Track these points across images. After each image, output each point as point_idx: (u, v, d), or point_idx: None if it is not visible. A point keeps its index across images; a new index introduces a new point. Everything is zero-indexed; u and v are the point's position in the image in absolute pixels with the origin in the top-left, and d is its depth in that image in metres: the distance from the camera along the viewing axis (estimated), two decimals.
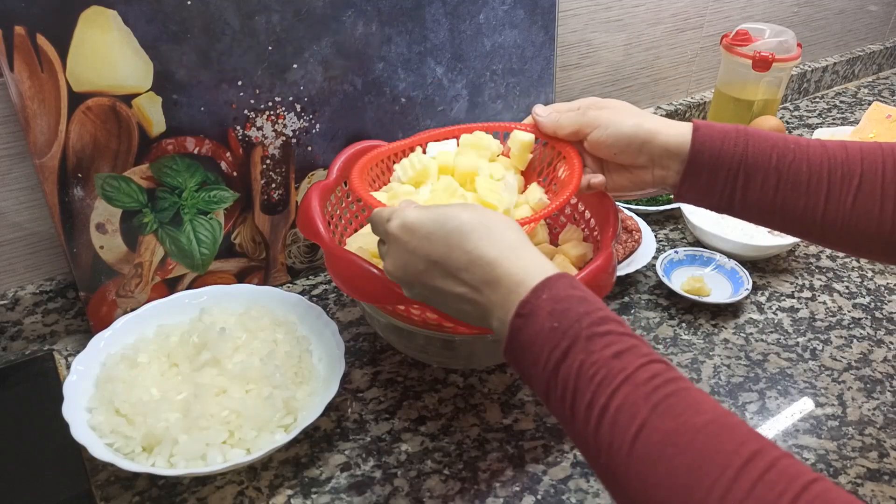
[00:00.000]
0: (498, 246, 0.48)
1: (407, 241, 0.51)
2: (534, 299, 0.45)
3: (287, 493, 0.63)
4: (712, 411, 0.39)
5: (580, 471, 0.65)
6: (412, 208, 0.52)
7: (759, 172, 0.57)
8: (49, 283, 0.77)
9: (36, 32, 0.63)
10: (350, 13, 0.77)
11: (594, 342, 0.42)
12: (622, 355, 0.41)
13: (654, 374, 0.40)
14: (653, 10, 1.12)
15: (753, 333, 0.82)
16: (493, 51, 0.89)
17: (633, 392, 0.40)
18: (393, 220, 0.52)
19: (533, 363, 0.44)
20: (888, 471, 0.66)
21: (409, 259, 0.51)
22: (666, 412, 0.39)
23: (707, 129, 0.59)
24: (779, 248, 0.91)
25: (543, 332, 0.44)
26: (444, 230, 0.49)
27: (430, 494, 0.63)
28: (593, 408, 0.40)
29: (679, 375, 0.41)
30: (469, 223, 0.49)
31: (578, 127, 0.63)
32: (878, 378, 0.76)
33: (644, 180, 0.63)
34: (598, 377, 0.41)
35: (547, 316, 0.44)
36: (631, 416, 0.39)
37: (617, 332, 0.43)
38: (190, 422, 0.61)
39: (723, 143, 0.58)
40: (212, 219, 0.79)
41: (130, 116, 0.70)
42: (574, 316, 0.43)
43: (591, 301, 0.45)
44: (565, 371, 0.42)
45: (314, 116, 0.80)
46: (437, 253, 0.50)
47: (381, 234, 0.55)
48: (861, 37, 1.52)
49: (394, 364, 0.76)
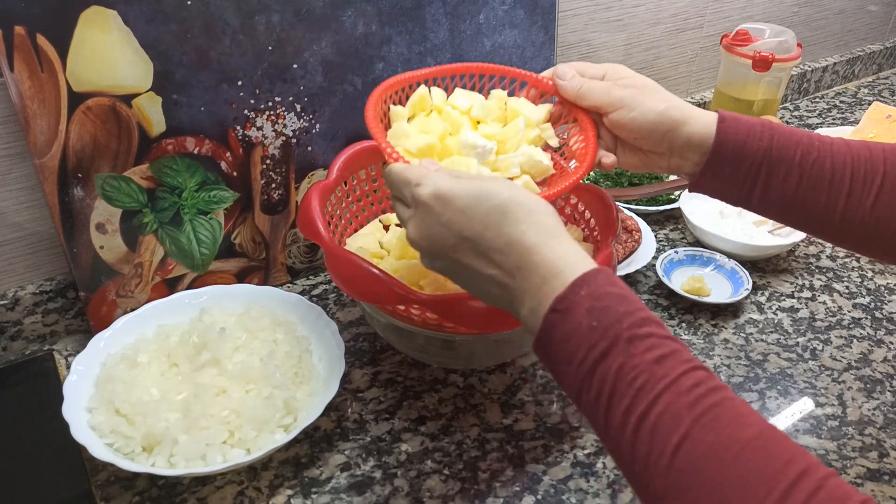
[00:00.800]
0: (537, 231, 0.46)
1: (440, 213, 0.48)
2: (571, 295, 0.43)
3: (287, 493, 0.63)
4: (758, 425, 0.37)
5: (580, 471, 0.65)
6: (444, 175, 0.49)
7: (781, 168, 0.56)
8: (49, 283, 0.77)
9: (36, 32, 0.63)
10: (350, 13, 0.77)
11: (635, 345, 0.41)
12: (664, 360, 0.40)
13: (697, 383, 0.39)
14: (653, 10, 1.12)
15: (753, 333, 0.82)
16: (493, 51, 0.89)
17: (676, 401, 0.38)
18: (424, 186, 0.49)
19: (567, 361, 0.43)
20: (888, 471, 0.66)
21: (439, 231, 0.49)
22: (710, 424, 0.37)
23: (733, 122, 0.57)
24: (779, 248, 0.91)
25: (581, 331, 0.42)
26: (484, 207, 0.47)
27: (430, 494, 0.63)
28: (631, 413, 0.39)
29: (722, 384, 0.40)
30: (510, 203, 0.47)
31: (603, 103, 0.60)
32: (878, 378, 0.76)
33: (658, 165, 0.61)
34: (638, 382, 0.39)
35: (585, 313, 0.42)
36: (673, 426, 0.38)
37: (658, 335, 0.41)
38: (190, 422, 0.61)
39: (748, 137, 0.56)
40: (212, 219, 0.79)
41: (130, 116, 0.70)
42: (614, 315, 0.42)
43: (631, 300, 0.43)
44: (602, 372, 0.41)
45: (314, 116, 0.80)
46: (472, 230, 0.47)
47: (405, 197, 0.52)
48: (861, 37, 1.52)
49: (394, 364, 0.76)
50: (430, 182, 0.49)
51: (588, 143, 0.60)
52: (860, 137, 1.16)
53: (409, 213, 0.51)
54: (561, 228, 0.47)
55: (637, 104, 0.58)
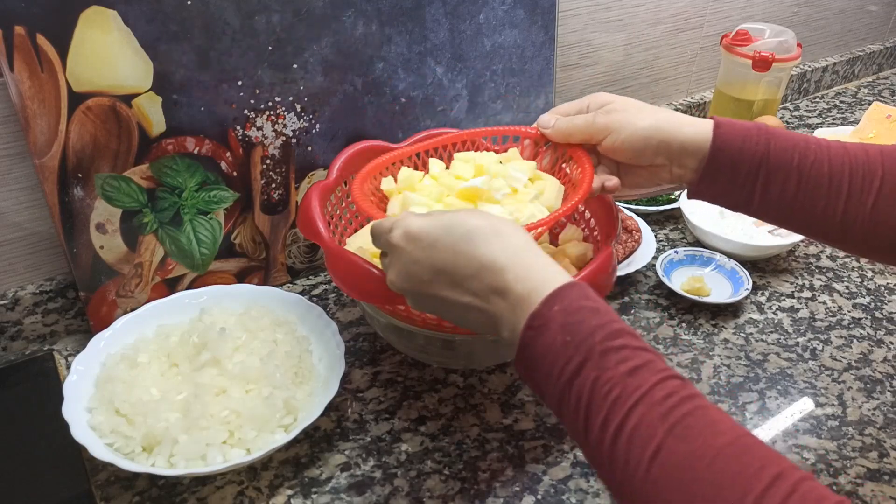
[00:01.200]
0: (507, 251, 0.47)
1: (410, 251, 0.49)
2: (545, 311, 0.44)
3: (287, 493, 0.63)
4: (731, 432, 0.38)
5: (580, 471, 0.65)
6: (414, 217, 0.51)
7: (780, 172, 0.56)
8: (49, 283, 0.77)
9: (36, 32, 0.63)
10: (350, 13, 0.77)
11: (608, 357, 0.41)
12: (637, 372, 0.40)
13: (670, 393, 0.39)
14: (653, 9, 1.12)
15: (753, 333, 0.82)
16: (493, 51, 0.89)
17: (649, 412, 0.39)
18: (395, 230, 0.51)
19: (545, 377, 0.43)
20: (888, 471, 0.66)
21: (413, 269, 0.50)
22: (683, 433, 0.38)
23: (728, 127, 0.57)
24: (779, 248, 0.91)
25: (556, 346, 0.43)
26: (452, 237, 0.48)
27: (430, 494, 0.63)
28: (608, 427, 0.39)
29: (696, 392, 0.40)
30: (477, 228, 0.48)
31: (590, 135, 0.62)
32: (878, 378, 0.76)
33: (661, 178, 0.62)
34: (612, 395, 0.40)
35: (559, 329, 0.43)
36: (647, 438, 0.38)
37: (631, 347, 0.42)
38: (190, 422, 0.61)
39: (744, 142, 0.57)
40: (212, 219, 0.79)
41: (130, 116, 0.70)
42: (587, 329, 0.42)
43: (604, 312, 0.44)
44: (579, 387, 0.41)
45: (314, 116, 0.80)
46: (442, 261, 0.48)
47: (383, 246, 0.53)
48: (861, 37, 1.52)
49: (394, 364, 0.76)
50: (401, 225, 0.51)
51: (584, 172, 0.62)
52: (860, 137, 1.16)
53: (387, 261, 0.53)
54: (532, 245, 0.48)
55: (624, 126, 0.59)
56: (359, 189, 0.63)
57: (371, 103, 0.83)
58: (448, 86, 0.88)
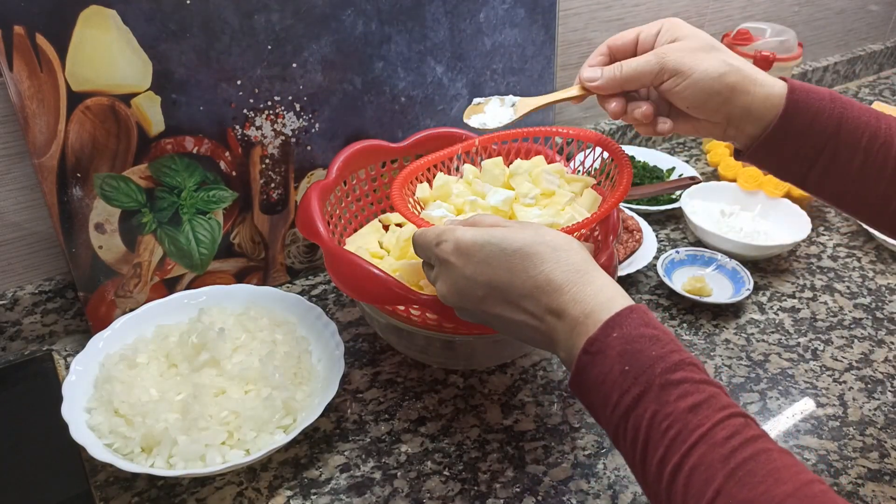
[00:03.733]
0: (564, 270, 0.45)
1: (462, 266, 0.48)
2: (603, 336, 0.42)
3: (286, 493, 0.62)
4: (793, 480, 0.36)
5: (581, 472, 0.65)
6: (464, 229, 0.48)
7: (846, 151, 0.53)
8: (48, 283, 0.77)
9: (35, 32, 0.63)
10: (349, 12, 0.77)
11: (668, 392, 0.39)
12: (698, 409, 0.39)
13: (732, 433, 0.38)
14: (653, 9, 1.12)
15: (755, 334, 0.82)
16: (493, 50, 0.89)
17: (710, 453, 0.37)
18: (444, 243, 0.49)
19: (602, 405, 0.42)
20: (889, 471, 0.65)
21: (465, 285, 0.48)
22: (744, 479, 0.36)
23: (803, 95, 0.53)
24: (780, 248, 0.90)
25: (613, 375, 0.41)
26: (506, 253, 0.46)
27: (430, 495, 0.62)
28: (666, 464, 0.38)
29: (760, 433, 0.38)
30: (533, 245, 0.46)
31: (652, 76, 0.54)
32: (879, 378, 0.76)
33: (712, 133, 0.57)
34: (671, 432, 0.38)
35: (617, 357, 0.41)
36: (706, 481, 0.37)
37: (693, 380, 0.40)
38: (189, 422, 0.60)
39: (817, 115, 0.52)
40: (211, 218, 0.79)
41: (129, 116, 0.70)
42: (646, 360, 0.41)
43: (665, 341, 0.42)
44: (636, 419, 0.40)
45: (313, 116, 0.80)
46: (498, 278, 0.46)
47: (430, 258, 0.51)
48: (862, 36, 1.52)
49: (393, 365, 0.76)
50: (450, 238, 0.49)
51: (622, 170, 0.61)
52: None
53: (434, 273, 0.51)
54: (591, 264, 0.46)
55: (691, 69, 0.53)
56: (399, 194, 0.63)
57: (371, 102, 0.83)
58: (448, 85, 0.88)
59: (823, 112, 0.53)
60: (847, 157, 0.53)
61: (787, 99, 0.53)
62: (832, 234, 1.00)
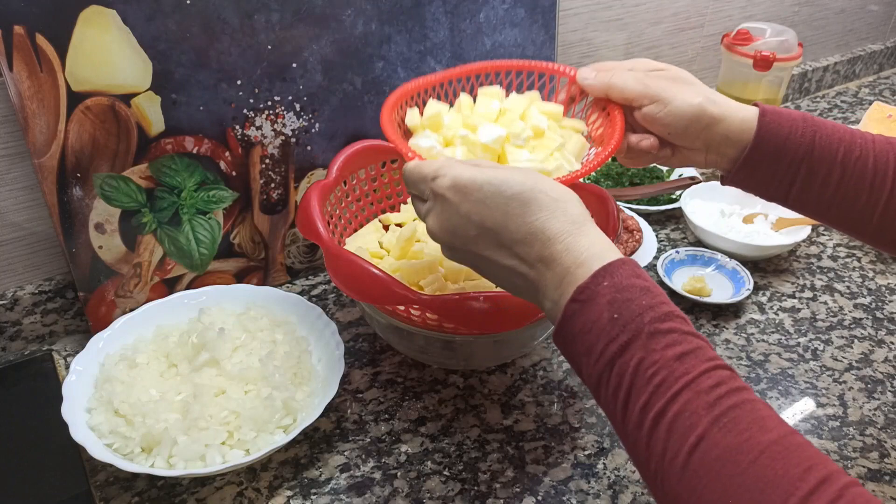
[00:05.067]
0: (560, 220, 0.45)
1: (458, 203, 0.47)
2: (594, 285, 0.42)
3: (286, 493, 0.62)
4: (779, 429, 0.36)
5: (581, 472, 0.65)
6: (463, 166, 0.48)
7: (823, 166, 0.54)
8: (48, 283, 0.77)
9: (35, 32, 0.63)
10: (349, 12, 0.77)
11: (656, 340, 0.39)
12: (685, 357, 0.39)
13: (718, 382, 0.38)
14: (653, 9, 1.12)
15: (755, 334, 0.82)
16: (493, 50, 0.89)
17: (695, 399, 0.37)
18: (441, 178, 0.48)
19: (586, 353, 0.42)
20: (889, 471, 0.65)
21: (459, 223, 0.47)
22: (729, 426, 0.36)
23: (774, 117, 0.55)
24: (780, 248, 0.90)
25: (601, 322, 0.41)
26: (504, 196, 0.45)
27: (430, 495, 0.62)
28: (649, 411, 0.38)
29: (744, 385, 0.39)
30: (533, 191, 0.45)
31: (635, 95, 0.57)
32: (879, 378, 0.76)
33: (694, 161, 0.59)
34: (657, 378, 0.38)
35: (607, 305, 0.41)
36: (690, 426, 0.37)
37: (681, 331, 0.40)
38: (189, 422, 0.60)
39: (790, 133, 0.54)
40: (211, 218, 0.79)
41: (129, 116, 0.70)
42: (636, 309, 0.40)
43: (655, 293, 0.42)
44: (621, 367, 0.40)
45: (313, 116, 0.80)
46: (492, 220, 0.46)
47: (422, 192, 0.50)
48: (862, 36, 1.52)
49: (393, 365, 0.76)
50: (448, 173, 0.48)
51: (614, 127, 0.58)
52: None
53: (427, 207, 0.50)
54: (586, 217, 0.46)
55: (672, 98, 0.56)
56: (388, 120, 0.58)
57: (371, 102, 0.83)
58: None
59: (796, 131, 0.55)
60: (825, 172, 0.55)
61: (759, 121, 0.55)
62: (832, 234, 1.00)
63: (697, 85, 0.58)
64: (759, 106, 0.56)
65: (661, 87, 0.56)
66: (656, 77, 0.58)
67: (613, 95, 0.59)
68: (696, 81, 0.58)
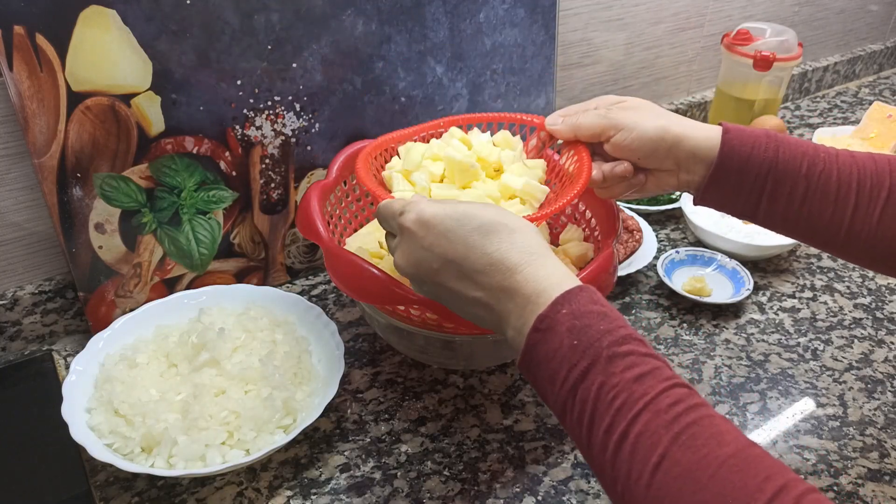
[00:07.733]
0: (520, 251, 0.46)
1: (422, 237, 0.49)
2: (553, 313, 0.43)
3: (286, 493, 0.62)
4: (736, 442, 0.37)
5: (581, 472, 0.65)
6: (428, 202, 0.50)
7: (787, 180, 0.56)
8: (48, 283, 0.77)
9: (35, 32, 0.63)
10: (350, 12, 0.77)
11: (615, 363, 0.40)
12: (643, 378, 0.40)
13: (676, 401, 0.39)
14: (653, 9, 1.12)
15: (755, 334, 0.82)
16: (493, 50, 0.89)
17: (654, 419, 0.38)
18: (407, 214, 0.50)
19: (550, 380, 0.43)
20: (889, 471, 0.65)
21: (422, 256, 0.49)
22: (688, 442, 0.37)
23: (737, 133, 0.57)
24: (780, 248, 0.90)
25: (562, 350, 0.42)
26: (465, 229, 0.47)
27: (430, 495, 0.62)
28: (612, 433, 0.39)
29: (702, 402, 0.40)
30: (492, 223, 0.47)
31: (601, 129, 0.60)
32: (879, 378, 0.76)
33: (668, 183, 0.61)
34: (617, 401, 0.39)
35: (566, 332, 0.42)
36: (651, 446, 0.37)
37: (639, 353, 0.41)
38: (189, 422, 0.60)
39: (753, 149, 0.56)
40: (211, 218, 0.79)
41: (129, 116, 0.70)
42: (594, 334, 0.42)
43: (613, 318, 0.43)
44: (584, 392, 0.41)
45: (313, 116, 0.80)
46: (454, 252, 0.47)
47: (392, 228, 0.53)
48: (862, 36, 1.52)
49: (393, 365, 0.76)
50: (413, 209, 0.50)
51: (582, 163, 0.61)
52: (861, 137, 1.16)
53: (394, 242, 0.52)
54: (545, 247, 0.48)
55: (636, 124, 0.59)
56: (363, 167, 0.62)
57: (371, 102, 0.83)
58: (448, 85, 0.88)
59: (759, 146, 0.56)
60: (790, 186, 0.56)
61: (723, 138, 0.57)
62: None
63: (658, 109, 0.60)
64: (723, 124, 0.58)
65: (624, 116, 0.59)
66: (618, 109, 0.60)
67: (582, 135, 0.62)
68: (657, 107, 0.61)
